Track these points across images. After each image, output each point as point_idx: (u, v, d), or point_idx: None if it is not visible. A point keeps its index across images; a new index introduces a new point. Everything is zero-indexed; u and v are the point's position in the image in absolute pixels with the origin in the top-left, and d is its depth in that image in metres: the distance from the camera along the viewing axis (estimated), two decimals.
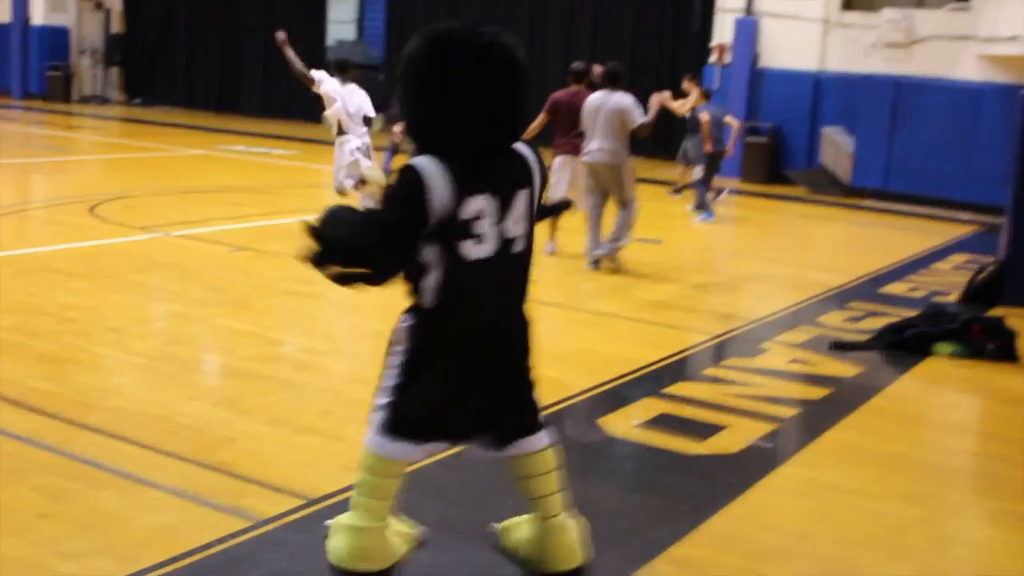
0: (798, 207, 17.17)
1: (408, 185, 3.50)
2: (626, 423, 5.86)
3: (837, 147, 18.60)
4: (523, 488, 3.89)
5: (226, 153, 18.90)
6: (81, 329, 7.09)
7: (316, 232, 3.48)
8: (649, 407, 6.16)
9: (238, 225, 11.39)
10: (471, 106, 3.49)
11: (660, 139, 19.19)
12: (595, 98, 10.30)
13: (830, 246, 13.97)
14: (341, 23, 32.44)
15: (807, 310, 9.19)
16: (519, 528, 4.07)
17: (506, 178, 3.65)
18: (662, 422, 5.90)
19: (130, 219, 11.33)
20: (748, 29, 19.43)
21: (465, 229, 3.54)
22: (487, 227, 3.58)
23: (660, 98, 10.56)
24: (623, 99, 10.19)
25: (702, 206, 14.36)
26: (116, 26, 29.13)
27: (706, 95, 15.01)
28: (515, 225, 3.65)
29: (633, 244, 10.71)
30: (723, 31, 19.90)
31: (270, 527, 4.28)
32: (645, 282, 9.93)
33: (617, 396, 6.39)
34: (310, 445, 5.22)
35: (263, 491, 4.62)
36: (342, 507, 4.32)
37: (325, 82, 11.14)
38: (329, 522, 4.02)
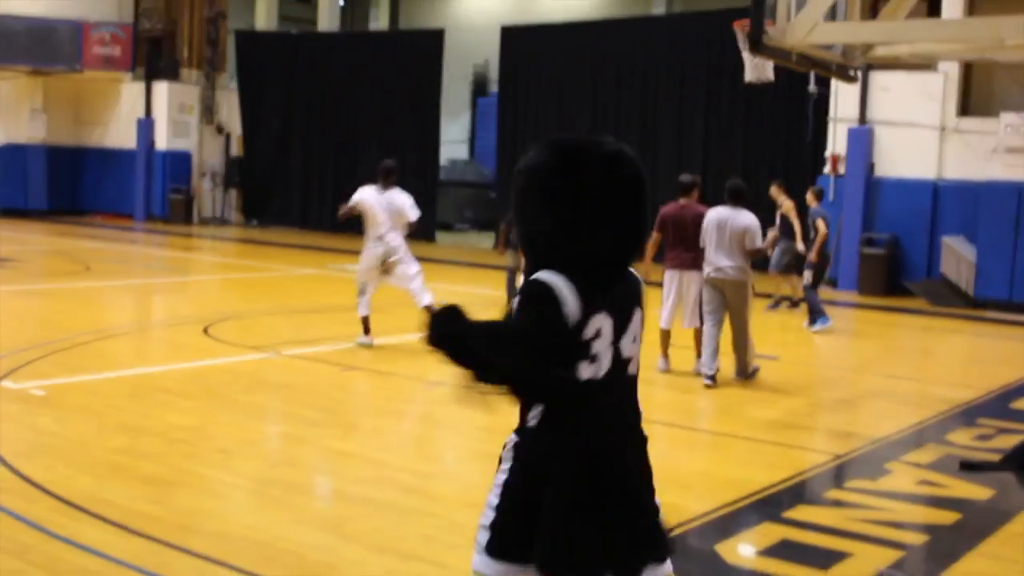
0: (918, 320, 16.68)
1: (540, 299, 3.32)
2: (745, 550, 5.58)
3: (958, 257, 18.10)
4: None
5: (338, 272, 19.13)
6: (189, 450, 7.07)
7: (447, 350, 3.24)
8: (769, 533, 5.87)
9: (348, 344, 11.39)
10: (601, 217, 3.36)
11: None
12: (720, 213, 10.19)
13: (954, 360, 13.47)
14: (454, 143, 33.08)
15: (933, 428, 8.79)
16: None
17: (625, 296, 3.52)
18: (783, 549, 5.60)
19: (242, 339, 11.44)
20: (862, 138, 19.18)
21: (584, 348, 3.38)
22: (604, 347, 3.42)
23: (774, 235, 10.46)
24: (748, 218, 10.13)
25: (816, 312, 14.04)
26: (235, 149, 30.03)
27: (818, 196, 14.77)
28: (630, 345, 3.50)
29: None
30: (837, 140, 19.67)
31: None
32: (761, 400, 9.63)
33: (735, 521, 6.11)
34: (413, 572, 5.05)
35: None
36: None
37: (358, 194, 11.46)
38: None
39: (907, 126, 18.94)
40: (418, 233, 26.24)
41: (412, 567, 5.12)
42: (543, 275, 3.39)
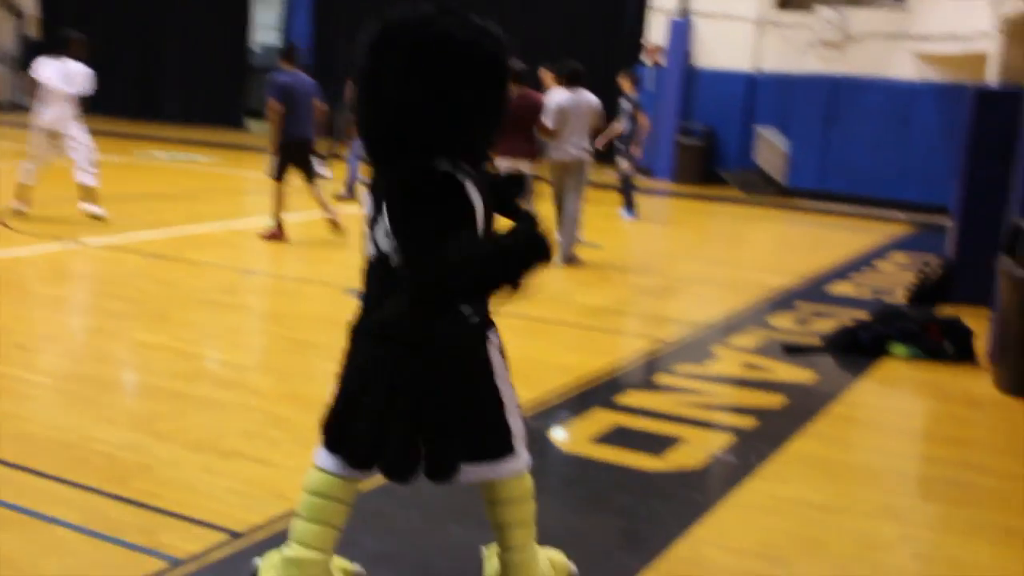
0: (732, 208, 16.94)
1: (454, 193, 3.08)
2: (579, 437, 5.46)
3: (772, 147, 18.43)
4: (487, 513, 3.51)
5: (146, 160, 18.25)
6: None
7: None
8: (601, 419, 5.77)
9: (156, 233, 10.83)
10: (494, 105, 3.16)
11: None
12: (568, 98, 10.50)
13: (769, 247, 13.72)
14: (266, 28, 31.82)
15: (754, 312, 8.88)
16: (491, 557, 3.69)
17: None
18: (617, 436, 5.51)
19: (41, 228, 10.72)
20: (681, 29, 19.19)
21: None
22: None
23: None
24: (594, 99, 10.68)
25: (631, 204, 14.11)
26: (32, 31, 28.23)
27: (635, 82, 14.61)
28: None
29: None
30: (656, 32, 19.63)
31: (192, 568, 3.80)
32: (586, 287, 9.55)
33: (567, 408, 5.99)
34: (235, 471, 4.74)
35: (183, 525, 4.14)
36: (272, 542, 3.88)
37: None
38: (258, 560, 3.57)
39: (725, 18, 19.03)
40: (229, 119, 25.40)
41: (233, 465, 4.80)
42: (444, 166, 3.09)
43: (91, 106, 11.90)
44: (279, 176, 10.69)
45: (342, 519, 3.36)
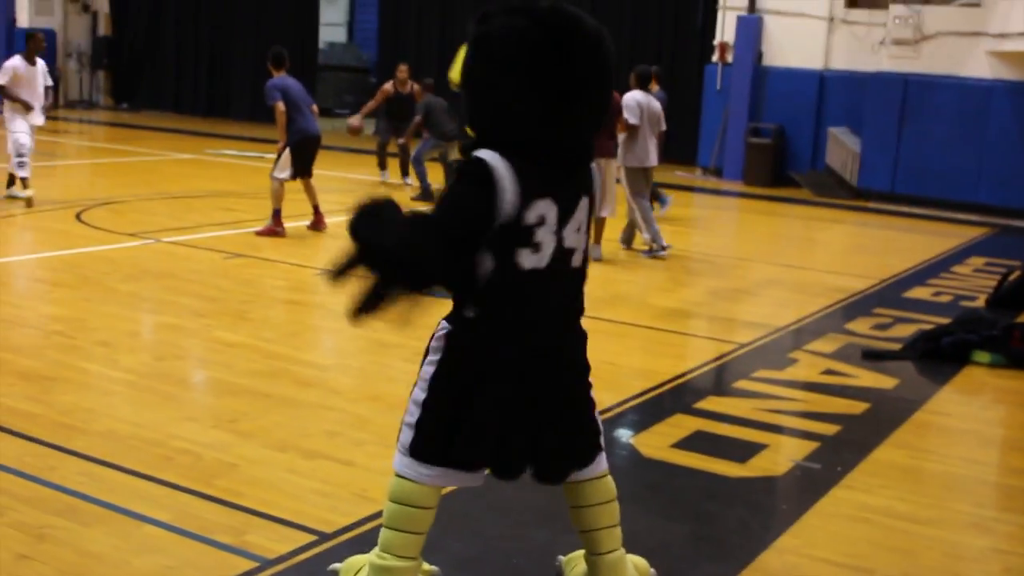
0: (803, 209, 16.76)
1: (477, 184, 3.05)
2: (660, 443, 5.42)
3: (843, 147, 18.20)
4: (574, 518, 3.52)
5: (217, 158, 18.44)
6: (67, 343, 6.63)
7: (353, 233, 2.97)
8: (682, 424, 5.73)
9: (232, 231, 10.93)
10: (583, 101, 3.09)
11: None
12: (644, 98, 10.74)
13: (842, 250, 13.54)
14: (332, 26, 32.04)
15: (833, 317, 8.77)
16: (577, 563, 3.69)
17: (572, 182, 3.22)
18: (698, 441, 5.46)
19: (118, 225, 10.87)
20: (751, 27, 19.01)
21: (525, 236, 3.11)
22: (546, 235, 3.15)
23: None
24: (656, 103, 10.98)
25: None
26: (103, 29, 28.63)
27: (658, 79, 13.75)
28: (574, 235, 3.22)
29: (635, 252, 10.96)
30: (725, 29, 19.47)
31: (280, 567, 3.82)
32: (658, 289, 9.50)
33: (647, 412, 5.95)
34: (319, 471, 4.76)
35: (270, 525, 4.17)
36: (358, 543, 3.89)
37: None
38: (336, 566, 3.60)
39: (796, 16, 18.83)
40: None
41: (317, 465, 4.83)
42: (484, 154, 3.08)
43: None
44: (294, 175, 10.82)
45: (428, 525, 3.37)
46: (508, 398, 3.18)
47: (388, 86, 15.58)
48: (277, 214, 10.74)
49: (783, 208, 16.79)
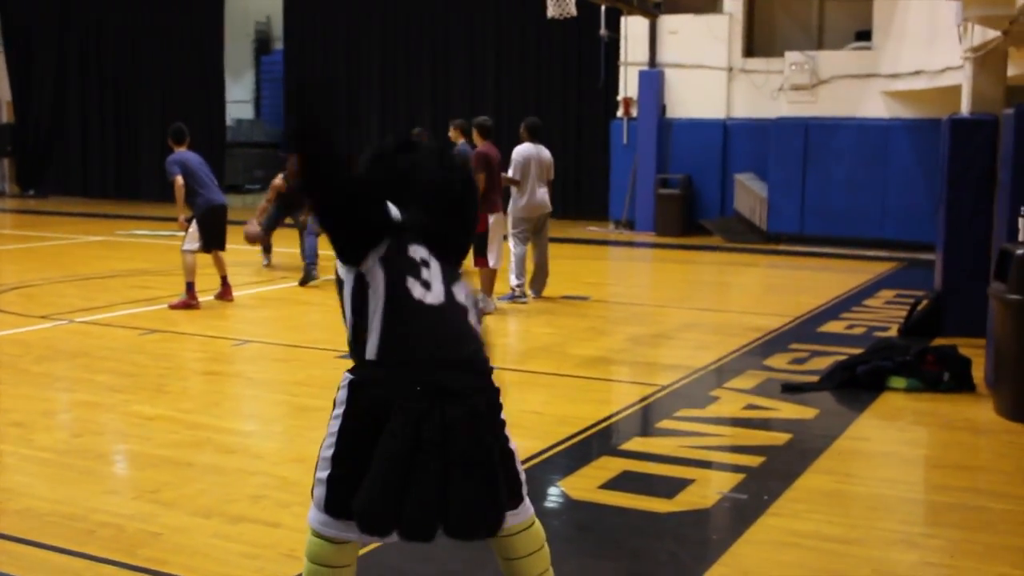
0: (715, 255, 16.99)
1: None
2: (587, 484, 5.41)
3: (750, 193, 18.53)
4: (505, 570, 3.44)
5: (128, 238, 18.22)
6: None
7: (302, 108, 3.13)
8: (609, 466, 5.73)
9: (146, 308, 10.77)
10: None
11: None
12: (531, 150, 11.21)
13: (756, 291, 13.73)
14: (239, 103, 31.96)
15: (751, 355, 8.87)
16: None
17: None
18: (626, 481, 5.47)
19: (29, 308, 10.66)
20: (653, 81, 19.35)
21: (412, 268, 3.21)
22: (433, 275, 3.24)
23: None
24: (547, 152, 11.47)
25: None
26: (5, 116, 28.30)
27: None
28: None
29: (560, 302, 11.12)
30: (628, 84, 19.80)
31: None
32: (577, 339, 9.53)
33: (574, 457, 5.94)
34: (245, 535, 4.67)
35: None
36: None
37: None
38: None
39: (696, 68, 19.22)
40: None
41: (243, 529, 4.74)
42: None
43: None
44: (205, 246, 10.79)
45: None
46: (407, 449, 3.07)
47: (278, 180, 14.01)
48: (190, 287, 10.63)
49: (696, 255, 17.00)
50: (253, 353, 8.86)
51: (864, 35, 18.02)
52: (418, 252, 3.24)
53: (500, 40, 22.49)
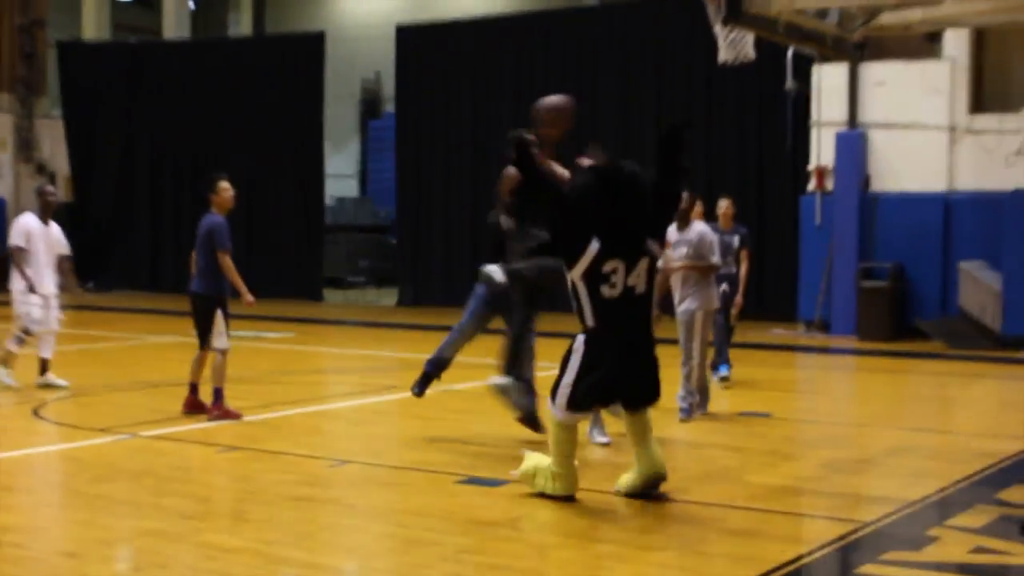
0: (935, 365, 16.76)
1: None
2: None
3: (980, 286, 18.25)
4: (631, 434, 8.03)
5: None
6: (23, 556, 6.70)
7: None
8: None
9: (224, 421, 11.06)
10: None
11: None
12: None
13: (988, 408, 13.49)
14: (341, 177, 32.80)
15: (980, 486, 8.72)
16: (628, 474, 8.08)
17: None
18: None
19: (85, 420, 11.05)
20: (853, 145, 19.31)
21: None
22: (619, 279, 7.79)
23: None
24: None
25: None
26: (63, 194, 29.50)
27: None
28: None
29: (734, 421, 11.11)
30: (822, 150, 19.77)
31: None
32: (756, 464, 9.50)
33: None
34: None
35: None
36: None
37: None
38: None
39: (909, 128, 19.12)
40: (303, 291, 25.64)
41: None
42: None
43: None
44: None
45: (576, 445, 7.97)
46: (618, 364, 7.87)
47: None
48: (220, 394, 10.97)
49: (909, 364, 16.80)
50: (353, 476, 9.02)
51: None
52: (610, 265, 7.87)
53: (660, 99, 22.68)
